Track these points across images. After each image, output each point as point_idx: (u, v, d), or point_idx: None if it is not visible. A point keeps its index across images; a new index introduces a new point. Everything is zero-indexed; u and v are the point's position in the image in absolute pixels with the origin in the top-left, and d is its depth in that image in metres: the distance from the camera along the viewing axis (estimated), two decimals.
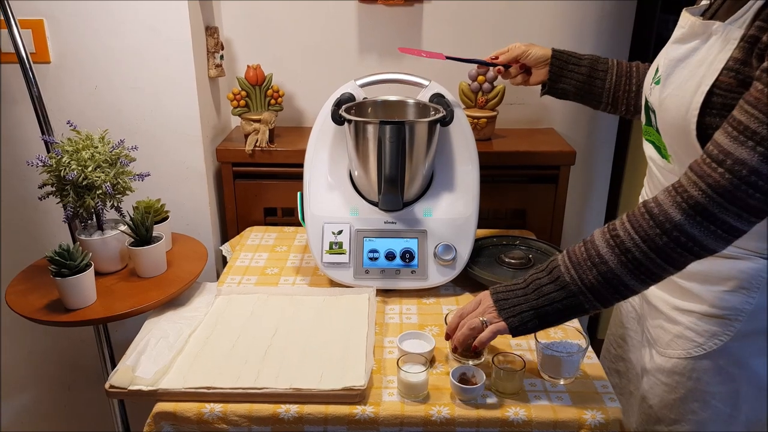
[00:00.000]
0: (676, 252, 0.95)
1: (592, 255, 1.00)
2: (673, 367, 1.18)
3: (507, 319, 1.07)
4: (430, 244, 1.46)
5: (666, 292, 1.20)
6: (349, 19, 1.90)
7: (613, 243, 0.98)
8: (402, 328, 1.34)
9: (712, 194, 0.90)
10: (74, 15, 1.60)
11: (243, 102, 1.81)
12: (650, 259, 0.96)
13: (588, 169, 2.09)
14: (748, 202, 0.90)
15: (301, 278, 1.55)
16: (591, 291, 1.01)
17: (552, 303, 1.04)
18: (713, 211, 0.91)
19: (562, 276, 1.03)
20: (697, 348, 1.14)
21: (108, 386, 1.13)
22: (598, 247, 1.00)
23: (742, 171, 0.88)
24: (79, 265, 1.28)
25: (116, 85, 1.67)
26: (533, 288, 1.06)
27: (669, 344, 1.19)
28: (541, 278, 1.06)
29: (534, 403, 1.11)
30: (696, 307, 1.14)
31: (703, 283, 1.13)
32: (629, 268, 0.98)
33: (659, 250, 0.95)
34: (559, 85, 1.42)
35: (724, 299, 1.10)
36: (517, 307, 1.07)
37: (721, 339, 1.12)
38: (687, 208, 0.92)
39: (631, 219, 0.98)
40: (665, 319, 1.20)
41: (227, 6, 1.89)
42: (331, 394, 1.11)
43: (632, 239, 0.97)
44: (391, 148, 1.34)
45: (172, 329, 1.29)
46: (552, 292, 1.04)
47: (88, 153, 1.35)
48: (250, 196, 1.85)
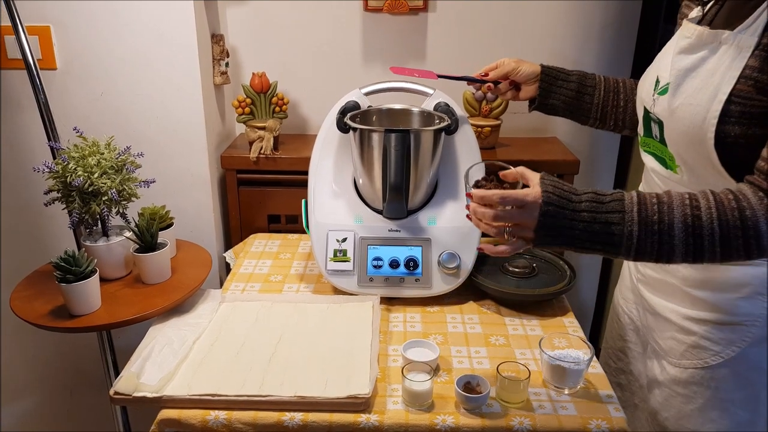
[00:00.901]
0: (738, 254, 0.96)
1: (663, 223, 0.96)
2: (689, 377, 1.17)
3: (537, 240, 1.01)
4: (434, 253, 1.46)
5: (676, 303, 1.19)
6: (355, 28, 1.90)
7: (690, 223, 0.95)
8: (406, 336, 1.34)
9: None
10: (81, 22, 1.61)
11: (248, 109, 1.81)
12: (713, 252, 0.96)
13: (591, 178, 2.09)
14: None
15: (305, 285, 1.55)
16: (638, 251, 0.98)
17: (592, 241, 0.99)
18: None
19: (621, 224, 0.97)
20: (714, 356, 1.13)
21: (113, 392, 1.13)
22: (673, 219, 0.96)
23: None
24: (84, 271, 1.28)
25: (122, 91, 1.68)
26: (583, 221, 0.98)
27: (684, 355, 1.18)
28: (598, 216, 0.98)
29: (539, 413, 1.11)
30: (710, 315, 1.13)
31: (717, 291, 1.12)
32: (689, 251, 0.96)
33: (729, 248, 0.95)
34: (548, 101, 1.43)
35: (739, 306, 1.10)
36: (556, 232, 1.00)
37: (739, 345, 1.11)
38: None
39: (719, 207, 0.95)
40: (678, 330, 1.19)
41: (233, 13, 1.90)
42: (336, 402, 1.11)
43: (711, 229, 0.95)
44: (396, 157, 1.35)
45: (176, 336, 1.29)
46: (600, 231, 0.98)
47: (94, 159, 1.35)
48: (254, 203, 1.86)
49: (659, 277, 1.23)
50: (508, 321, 1.40)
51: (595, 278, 2.21)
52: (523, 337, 1.35)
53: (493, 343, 1.32)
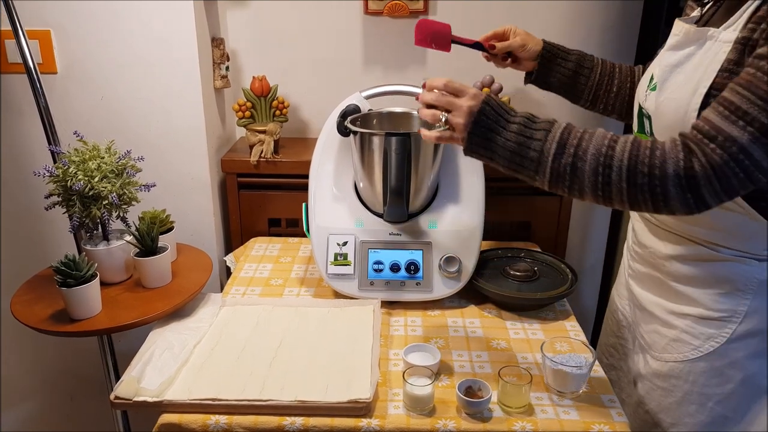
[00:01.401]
0: (644, 196, 0.97)
1: (580, 147, 1.00)
2: (669, 370, 1.19)
3: (468, 138, 1.05)
4: (435, 256, 1.45)
5: (661, 296, 1.22)
6: (355, 31, 1.90)
7: (604, 153, 0.98)
8: (407, 340, 1.33)
9: (707, 166, 0.93)
10: (81, 26, 1.61)
11: (248, 113, 1.81)
12: (620, 189, 0.98)
13: None
14: (731, 181, 0.92)
15: (306, 289, 1.54)
16: (552, 172, 1.01)
17: (513, 152, 1.03)
18: (700, 182, 0.93)
19: (541, 141, 1.02)
20: (693, 351, 1.16)
21: (113, 397, 1.13)
22: (589, 146, 1.00)
23: (732, 148, 0.91)
24: (84, 275, 1.28)
25: (122, 95, 1.68)
26: (512, 131, 1.03)
27: (665, 348, 1.20)
28: (526, 130, 1.03)
29: (541, 418, 1.10)
30: (692, 310, 1.16)
31: (699, 286, 1.14)
32: (597, 182, 0.99)
33: (635, 185, 0.97)
34: (545, 77, 1.44)
35: (720, 301, 1.12)
36: (485, 135, 1.04)
37: (717, 341, 1.13)
38: (680, 169, 0.94)
39: (634, 144, 0.98)
40: (661, 324, 1.22)
41: (233, 17, 1.90)
42: (337, 407, 1.10)
43: (621, 161, 0.97)
44: (397, 160, 1.35)
45: (176, 340, 1.29)
46: (522, 144, 1.03)
47: (94, 163, 1.35)
48: (255, 207, 1.85)
49: (646, 271, 1.26)
50: (509, 325, 1.40)
51: (596, 282, 2.21)
52: (524, 341, 1.34)
53: (495, 347, 1.31)
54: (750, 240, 1.08)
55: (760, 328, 1.11)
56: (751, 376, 1.14)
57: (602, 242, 2.15)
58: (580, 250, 2.17)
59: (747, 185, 0.94)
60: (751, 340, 1.12)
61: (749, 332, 1.12)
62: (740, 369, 1.14)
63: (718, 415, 1.17)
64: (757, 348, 1.12)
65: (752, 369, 1.14)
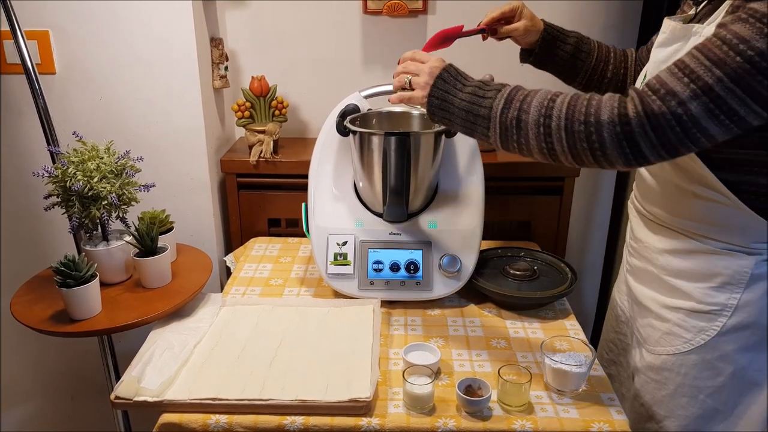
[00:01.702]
0: (582, 145, 0.99)
1: (525, 101, 1.05)
2: (662, 363, 1.21)
3: (428, 98, 1.14)
4: (435, 256, 1.45)
5: (655, 290, 1.24)
6: (354, 31, 1.90)
7: (546, 104, 1.03)
8: (407, 339, 1.33)
9: (641, 114, 0.94)
10: (79, 26, 1.61)
11: (247, 113, 1.81)
12: (560, 138, 1.01)
13: (593, 181, 2.08)
14: (667, 134, 0.94)
15: (306, 289, 1.54)
16: (500, 125, 1.06)
17: (467, 111, 1.10)
18: (634, 129, 0.95)
19: (492, 99, 1.08)
20: (685, 344, 1.18)
21: (113, 397, 1.13)
22: (534, 99, 1.05)
23: (672, 101, 0.92)
24: (84, 275, 1.28)
25: (121, 96, 1.68)
26: (467, 92, 1.11)
27: (658, 342, 1.22)
28: (479, 91, 1.10)
29: (540, 416, 1.10)
30: (684, 303, 1.17)
31: (691, 280, 1.16)
32: (540, 132, 1.03)
33: (573, 134, 0.99)
34: (543, 59, 1.44)
35: (711, 295, 1.14)
36: (443, 95, 1.13)
37: (708, 334, 1.15)
38: (615, 116, 0.96)
39: (574, 95, 1.02)
40: (655, 318, 1.23)
41: (232, 17, 1.90)
42: (337, 406, 1.10)
43: (560, 110, 1.01)
44: (396, 160, 1.35)
45: (177, 340, 1.29)
46: (475, 103, 1.09)
47: (93, 164, 1.35)
48: (255, 207, 1.85)
49: (641, 266, 1.28)
50: (509, 324, 1.40)
51: (596, 281, 2.21)
52: (524, 339, 1.34)
53: (495, 346, 1.31)
54: (738, 232, 1.09)
55: (751, 322, 1.13)
56: (741, 369, 1.15)
57: (602, 241, 2.15)
58: (579, 250, 2.17)
59: (686, 143, 0.94)
60: (742, 334, 1.13)
61: (740, 325, 1.13)
62: (731, 362, 1.15)
63: (709, 408, 1.19)
64: (748, 341, 1.14)
65: (742, 362, 1.15)
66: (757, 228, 1.08)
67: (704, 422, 1.20)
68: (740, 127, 0.93)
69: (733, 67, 0.89)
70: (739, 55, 0.89)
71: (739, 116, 0.92)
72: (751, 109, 0.91)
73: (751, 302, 1.11)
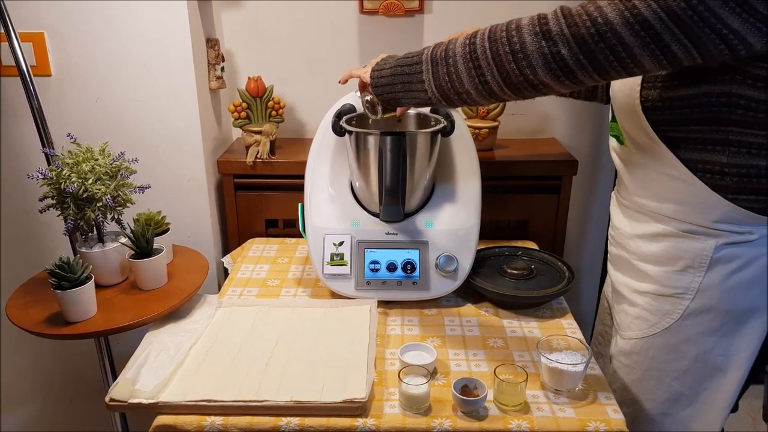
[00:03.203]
0: (508, 57, 0.98)
1: (451, 44, 1.07)
2: (631, 348, 1.26)
3: (371, 78, 1.22)
4: (432, 255, 1.45)
5: (628, 276, 1.27)
6: (350, 31, 1.90)
7: (469, 37, 1.04)
8: (403, 339, 1.33)
9: (558, 12, 0.95)
10: (75, 28, 1.61)
11: (244, 114, 1.81)
12: (487, 61, 1.01)
13: (590, 179, 2.08)
14: (586, 41, 0.91)
15: (303, 290, 1.54)
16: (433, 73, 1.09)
17: (402, 74, 1.15)
18: (552, 28, 0.94)
19: (420, 54, 1.12)
20: (651, 327, 1.21)
21: (108, 399, 1.12)
22: (457, 39, 1.07)
23: (590, 6, 0.92)
24: (79, 277, 1.28)
25: (117, 97, 1.67)
26: (399, 58, 1.18)
27: (629, 326, 1.27)
28: (408, 56, 1.15)
29: (537, 416, 1.10)
30: (650, 287, 1.21)
31: (656, 264, 1.19)
32: (467, 60, 1.03)
33: (498, 53, 0.99)
34: None
35: (674, 278, 1.17)
36: (383, 68, 1.20)
37: (672, 317, 1.18)
38: (534, 19, 0.97)
39: (492, 26, 1.03)
40: (627, 303, 1.27)
41: (228, 18, 1.90)
42: (332, 407, 1.10)
43: (483, 35, 1.02)
44: (392, 159, 1.34)
45: (172, 342, 1.28)
46: (407, 63, 1.14)
47: (88, 165, 1.35)
48: (252, 208, 1.85)
49: (617, 253, 1.31)
50: (506, 323, 1.40)
51: (595, 279, 2.20)
52: (521, 339, 1.34)
53: (491, 346, 1.31)
54: (698, 211, 1.11)
55: (712, 305, 1.14)
56: (704, 353, 1.18)
57: (600, 240, 2.15)
58: (577, 248, 2.17)
59: (603, 50, 0.91)
60: (704, 317, 1.16)
61: (702, 309, 1.15)
62: (694, 345, 1.18)
63: (674, 391, 1.22)
64: (710, 325, 1.16)
65: (705, 346, 1.17)
66: (716, 207, 1.09)
67: (671, 405, 1.23)
68: (662, 50, 0.90)
69: None
70: None
71: (656, 32, 0.88)
72: (669, 30, 0.88)
73: (711, 286, 1.13)
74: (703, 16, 0.86)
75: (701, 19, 0.86)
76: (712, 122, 1.02)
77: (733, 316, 1.15)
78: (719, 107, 1.00)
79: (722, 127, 1.02)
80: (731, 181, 1.06)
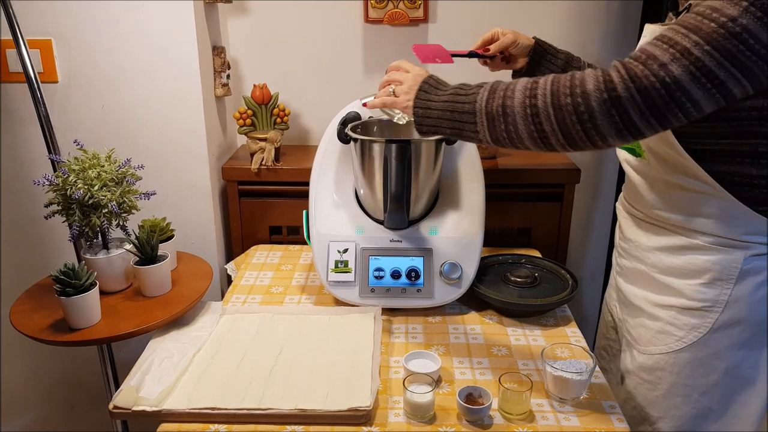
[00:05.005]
0: (572, 118, 0.97)
1: (508, 89, 1.04)
2: (655, 363, 1.22)
3: (414, 105, 1.15)
4: (436, 263, 1.45)
5: (646, 289, 1.24)
6: (355, 39, 1.91)
7: (529, 87, 1.01)
8: (408, 347, 1.33)
9: (626, 77, 0.93)
10: (82, 35, 1.62)
11: (249, 121, 1.81)
12: (548, 117, 0.98)
13: (593, 187, 2.08)
14: (652, 96, 0.92)
15: (307, 297, 1.54)
16: (487, 117, 1.05)
17: (453, 111, 1.10)
18: (620, 94, 0.93)
19: (475, 94, 1.08)
20: (677, 342, 1.18)
21: (112, 406, 1.12)
22: (516, 85, 1.04)
23: (654, 65, 0.92)
24: (83, 284, 1.28)
25: (123, 104, 1.68)
26: (450, 93, 1.11)
27: (651, 341, 1.23)
28: (461, 91, 1.11)
29: (541, 424, 1.10)
30: (675, 301, 1.18)
31: (681, 277, 1.16)
32: (527, 114, 1.00)
33: (561, 109, 0.97)
34: (535, 74, 1.43)
35: (701, 291, 1.14)
36: (427, 102, 1.13)
37: (700, 331, 1.15)
38: (600, 83, 0.95)
39: (554, 77, 1.00)
40: (647, 317, 1.24)
41: (234, 26, 1.90)
42: (337, 415, 1.10)
43: (545, 88, 0.99)
44: (397, 167, 1.34)
45: (176, 349, 1.28)
46: (459, 101, 1.09)
47: (94, 172, 1.35)
48: (256, 215, 1.85)
49: (631, 266, 1.28)
50: (510, 331, 1.39)
51: (598, 287, 2.20)
52: (525, 347, 1.34)
53: (496, 354, 1.31)
54: (726, 224, 1.10)
55: (742, 318, 1.13)
56: (734, 366, 1.16)
57: (603, 248, 2.15)
58: (580, 256, 2.17)
59: (672, 108, 0.93)
60: (734, 330, 1.14)
61: (731, 321, 1.13)
62: (723, 359, 1.16)
63: (703, 407, 1.19)
64: (740, 338, 1.14)
65: (735, 359, 1.15)
66: (745, 219, 1.08)
67: (698, 422, 1.20)
68: (722, 93, 0.92)
69: (707, 32, 0.90)
70: (713, 21, 0.90)
71: (719, 80, 0.91)
72: (729, 72, 0.91)
73: (741, 298, 1.12)
74: (754, 50, 0.89)
75: (755, 54, 0.89)
76: (742, 135, 1.02)
77: (762, 328, 1.14)
78: (749, 120, 1.00)
79: (752, 140, 1.02)
80: (761, 192, 1.05)
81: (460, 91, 1.10)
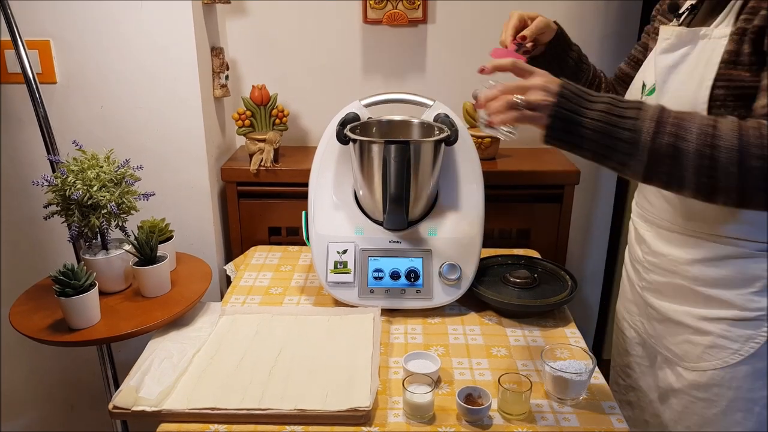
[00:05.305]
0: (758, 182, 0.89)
1: (681, 126, 0.91)
2: (709, 379, 1.15)
3: (551, 118, 0.96)
4: (435, 264, 1.45)
5: (689, 304, 1.18)
6: (354, 40, 1.91)
7: (709, 132, 0.90)
8: (407, 348, 1.33)
9: None
10: (80, 36, 1.62)
11: (248, 122, 1.81)
12: (727, 172, 0.89)
13: (592, 189, 2.08)
14: None
15: (306, 298, 1.54)
16: (651, 154, 0.92)
17: (603, 134, 0.94)
18: None
19: (636, 119, 0.93)
20: (733, 355, 1.12)
21: (111, 407, 1.12)
22: (693, 122, 0.92)
23: None
24: (83, 284, 1.28)
25: (122, 105, 1.68)
26: (599, 110, 0.95)
27: (701, 357, 1.16)
28: (614, 108, 0.95)
29: (541, 425, 1.10)
30: (726, 313, 1.12)
31: (729, 288, 1.11)
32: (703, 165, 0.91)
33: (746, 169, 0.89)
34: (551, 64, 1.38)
35: (754, 300, 1.09)
36: (569, 120, 0.96)
37: (757, 341, 1.10)
38: None
39: (741, 123, 0.90)
40: (692, 333, 1.17)
41: (233, 27, 1.90)
42: (336, 415, 1.10)
43: (730, 140, 0.89)
44: (396, 168, 1.34)
45: (176, 349, 1.28)
46: (614, 124, 0.94)
47: (93, 172, 1.35)
48: (255, 216, 1.85)
49: (666, 281, 1.22)
50: (509, 332, 1.40)
51: (597, 288, 2.20)
52: (524, 348, 1.34)
53: (495, 355, 1.31)
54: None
55: None
56: None
57: (603, 249, 2.15)
58: (580, 257, 2.17)
59: None
60: None
61: None
62: None
63: (766, 421, 1.14)
64: None
65: None
66: None
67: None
68: None
69: None
70: None
71: None
72: None
73: None
74: None
75: None
76: None
77: None
78: None
79: None
80: None
81: (614, 110, 0.95)
